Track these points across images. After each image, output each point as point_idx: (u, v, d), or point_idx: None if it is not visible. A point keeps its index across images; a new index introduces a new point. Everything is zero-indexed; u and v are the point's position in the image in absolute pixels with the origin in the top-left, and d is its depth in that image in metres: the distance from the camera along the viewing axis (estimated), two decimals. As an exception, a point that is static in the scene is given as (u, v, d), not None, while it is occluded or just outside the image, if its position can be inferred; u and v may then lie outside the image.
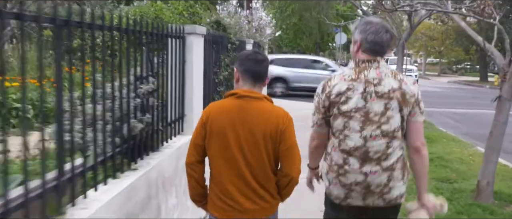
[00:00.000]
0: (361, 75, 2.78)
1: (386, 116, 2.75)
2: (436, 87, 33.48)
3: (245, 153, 2.65)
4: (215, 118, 2.69)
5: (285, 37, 58.83)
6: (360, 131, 2.76)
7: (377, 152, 2.76)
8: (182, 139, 4.42)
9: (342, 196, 2.90)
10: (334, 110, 2.81)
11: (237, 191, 2.68)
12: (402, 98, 2.75)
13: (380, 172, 2.78)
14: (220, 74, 6.53)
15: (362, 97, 2.75)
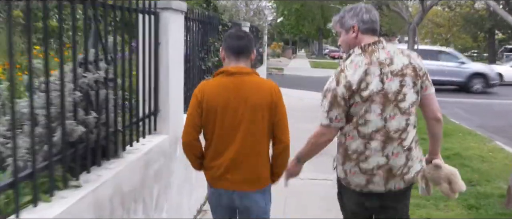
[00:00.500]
0: (373, 57, 2.79)
1: (402, 94, 2.81)
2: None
3: (242, 127, 2.83)
4: (211, 96, 2.85)
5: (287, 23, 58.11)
6: (381, 113, 2.80)
7: (397, 130, 2.83)
8: (155, 139, 3.61)
9: (363, 183, 2.94)
10: (356, 98, 2.78)
11: (233, 164, 2.88)
12: (414, 72, 2.83)
13: (401, 153, 2.87)
14: (209, 60, 5.72)
15: (380, 80, 2.77)
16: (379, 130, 2.82)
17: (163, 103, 3.82)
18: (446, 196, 3.41)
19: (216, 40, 6.16)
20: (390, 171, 2.88)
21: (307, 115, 11.68)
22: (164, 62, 3.76)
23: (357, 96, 2.78)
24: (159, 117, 3.81)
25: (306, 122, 11.04)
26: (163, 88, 3.79)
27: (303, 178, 6.60)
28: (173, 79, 3.89)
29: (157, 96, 3.76)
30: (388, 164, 2.86)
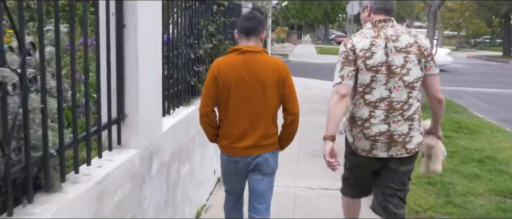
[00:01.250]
0: (381, 32, 3.23)
1: (406, 68, 3.21)
2: (456, 62, 31.46)
3: (253, 100, 3.24)
4: (225, 72, 3.22)
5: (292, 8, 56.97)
6: (386, 83, 3.22)
7: (400, 102, 3.23)
8: (118, 157, 2.69)
9: (367, 148, 3.35)
10: (360, 64, 3.21)
11: (242, 132, 3.30)
12: (418, 51, 3.22)
13: (402, 122, 3.25)
14: (200, 47, 4.77)
15: (384, 52, 3.20)
16: (383, 99, 3.26)
17: (130, 106, 2.88)
18: None
19: (209, 22, 5.21)
20: (392, 137, 3.27)
21: (314, 108, 10.79)
22: (132, 52, 2.81)
23: (361, 62, 3.23)
24: (126, 125, 2.88)
25: (314, 115, 10.18)
26: (130, 85, 2.85)
27: (314, 188, 5.71)
28: (145, 73, 2.95)
29: (121, 97, 2.83)
30: (389, 131, 3.27)
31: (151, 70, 3.07)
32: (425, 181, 5.85)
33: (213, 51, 5.18)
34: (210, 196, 5.38)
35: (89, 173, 2.39)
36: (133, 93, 2.87)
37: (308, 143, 7.79)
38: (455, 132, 8.65)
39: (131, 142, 2.90)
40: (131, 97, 2.87)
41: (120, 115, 2.82)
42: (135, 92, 2.86)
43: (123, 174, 2.65)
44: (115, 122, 2.78)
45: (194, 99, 4.72)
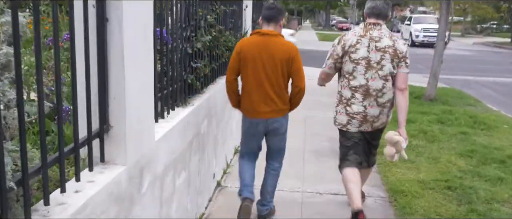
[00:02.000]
0: (368, 33, 4.23)
1: (381, 64, 4.19)
2: (463, 49, 31.17)
3: (267, 73, 4.08)
4: (246, 49, 4.11)
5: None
6: (364, 74, 4.22)
7: (375, 89, 4.23)
8: (101, 177, 2.30)
9: (344, 122, 4.40)
10: (346, 57, 4.27)
11: (260, 99, 4.14)
12: (394, 52, 4.18)
13: (375, 107, 4.27)
14: (198, 40, 4.35)
15: (366, 50, 4.20)
16: (362, 86, 4.24)
17: (116, 115, 2.48)
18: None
19: (209, 11, 4.79)
20: (365, 117, 4.31)
21: (319, 101, 10.37)
22: (117, 50, 2.40)
23: (347, 56, 4.26)
24: (110, 138, 2.48)
25: (320, 108, 9.79)
26: (115, 91, 2.45)
27: (323, 193, 5.34)
28: (134, 75, 2.55)
29: (104, 106, 2.43)
30: (365, 112, 4.29)
31: (140, 71, 2.66)
32: (444, 185, 5.49)
33: (212, 43, 4.78)
34: (209, 204, 5.01)
35: (64, 201, 2.01)
36: (118, 100, 2.46)
37: (314, 141, 7.42)
38: (471, 128, 8.27)
39: (117, 158, 2.50)
40: (116, 105, 2.47)
41: (103, 127, 2.41)
42: (121, 98, 2.46)
43: (107, 198, 2.26)
44: (96, 135, 2.38)
45: (192, 99, 4.32)
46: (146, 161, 2.83)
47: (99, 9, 2.30)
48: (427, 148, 7.00)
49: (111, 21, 2.36)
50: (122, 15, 2.36)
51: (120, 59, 2.40)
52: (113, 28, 2.37)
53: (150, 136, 2.93)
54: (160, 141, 3.15)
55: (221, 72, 5.70)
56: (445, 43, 10.65)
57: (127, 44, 2.43)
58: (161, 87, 3.47)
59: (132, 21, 2.47)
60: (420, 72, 17.52)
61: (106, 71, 2.40)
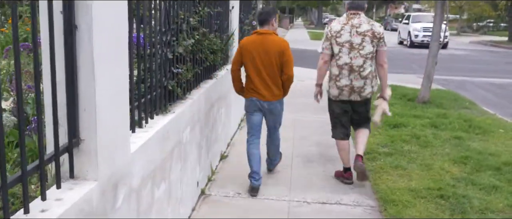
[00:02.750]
0: (350, 21, 5.45)
1: (362, 45, 5.40)
2: (459, 48, 31.19)
3: (264, 64, 5.26)
4: (247, 46, 5.32)
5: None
6: (348, 54, 5.43)
7: (357, 66, 5.43)
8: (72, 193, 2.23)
9: (336, 94, 5.63)
10: (333, 41, 5.49)
11: (259, 85, 5.32)
12: (372, 35, 5.41)
13: (359, 79, 5.47)
14: (180, 44, 4.28)
15: (349, 35, 5.41)
16: (347, 64, 5.46)
17: (87, 128, 2.41)
18: None
19: (191, 14, 4.72)
20: (352, 88, 5.53)
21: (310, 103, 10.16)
22: (87, 59, 2.33)
23: (333, 39, 5.49)
24: (81, 152, 2.41)
25: (310, 111, 9.71)
26: (85, 102, 2.38)
27: (311, 202, 5.28)
28: (106, 84, 2.47)
29: (74, 118, 2.35)
30: (351, 84, 5.50)
31: (113, 80, 2.59)
32: (437, 194, 5.44)
33: (195, 47, 4.71)
34: (192, 213, 4.94)
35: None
36: (89, 112, 2.39)
37: (303, 146, 7.37)
38: (466, 132, 8.19)
39: (88, 173, 2.43)
40: (87, 117, 2.39)
41: (72, 141, 2.34)
42: (92, 109, 2.39)
43: (76, 217, 2.19)
44: (65, 150, 2.30)
45: (173, 106, 4.25)
46: (120, 175, 2.76)
47: (66, 16, 2.23)
48: (420, 154, 6.94)
49: (80, 28, 2.29)
50: (92, 22, 2.29)
51: (90, 68, 2.33)
52: (82, 35, 2.30)
53: (125, 148, 2.85)
54: (137, 152, 3.07)
55: (205, 76, 5.64)
56: (440, 44, 10.61)
57: (98, 52, 2.35)
58: (139, 95, 3.40)
59: (103, 27, 2.40)
60: (414, 73, 17.54)
61: (75, 82, 2.33)
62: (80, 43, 2.31)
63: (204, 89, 5.30)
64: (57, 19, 2.21)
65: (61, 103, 2.28)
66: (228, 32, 7.04)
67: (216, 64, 6.07)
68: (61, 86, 2.27)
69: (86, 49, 2.32)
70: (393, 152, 6.98)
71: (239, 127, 8.46)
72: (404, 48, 30.43)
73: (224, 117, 6.73)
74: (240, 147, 7.19)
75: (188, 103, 4.55)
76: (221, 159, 6.57)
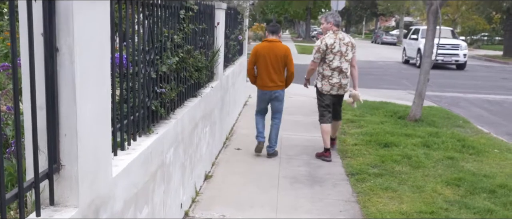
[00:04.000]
0: (337, 36, 7.57)
1: (346, 53, 7.58)
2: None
3: (272, 64, 7.50)
4: (259, 51, 7.54)
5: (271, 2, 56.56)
6: (339, 60, 7.53)
7: (345, 68, 7.61)
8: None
9: (328, 89, 7.66)
10: (328, 51, 7.51)
11: (267, 79, 7.58)
12: (351, 45, 7.66)
13: (346, 78, 7.64)
14: (164, 63, 4.32)
15: (339, 46, 7.51)
16: (338, 67, 7.55)
17: (67, 153, 2.43)
18: None
19: (176, 31, 4.76)
20: (341, 85, 7.65)
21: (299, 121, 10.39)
22: (68, 83, 2.36)
23: (329, 50, 7.51)
24: (61, 178, 2.43)
25: (298, 129, 9.80)
26: (66, 127, 2.40)
27: None
28: (87, 108, 2.50)
29: (54, 143, 2.37)
30: (340, 82, 7.63)
31: (95, 103, 2.61)
32: (429, 218, 5.48)
33: (179, 65, 4.75)
34: (176, 237, 4.95)
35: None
36: (70, 137, 2.41)
37: (290, 166, 7.42)
38: (459, 152, 8.23)
39: (69, 199, 2.45)
40: (68, 142, 2.42)
41: (52, 167, 2.36)
42: (73, 134, 2.41)
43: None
44: (45, 177, 2.32)
45: (157, 126, 4.27)
46: (102, 200, 2.78)
47: (48, 38, 2.26)
48: (411, 175, 6.97)
49: (61, 51, 2.32)
50: (73, 44, 2.32)
51: (71, 92, 2.36)
52: (63, 58, 2.33)
53: (107, 172, 2.88)
54: (119, 176, 3.09)
55: (190, 94, 5.66)
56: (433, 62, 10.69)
57: (80, 75, 2.38)
58: (121, 116, 3.42)
59: (85, 49, 2.43)
60: (405, 88, 17.68)
61: (56, 106, 2.35)
62: (61, 66, 2.34)
63: (189, 108, 5.32)
64: (38, 41, 2.25)
65: (41, 127, 2.30)
66: (213, 49, 7.08)
67: (201, 82, 6.08)
68: (42, 110, 2.30)
69: (68, 72, 2.35)
70: (383, 173, 7.02)
71: (224, 145, 8.49)
72: (395, 63, 30.47)
73: (208, 136, 6.75)
74: (225, 166, 7.23)
75: (172, 123, 4.57)
76: (205, 179, 6.59)
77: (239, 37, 10.29)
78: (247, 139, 8.88)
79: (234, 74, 10.05)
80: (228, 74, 8.86)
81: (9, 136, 3.25)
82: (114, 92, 3.16)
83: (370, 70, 25.15)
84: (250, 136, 9.04)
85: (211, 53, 6.83)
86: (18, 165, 2.12)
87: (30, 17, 2.14)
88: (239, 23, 10.49)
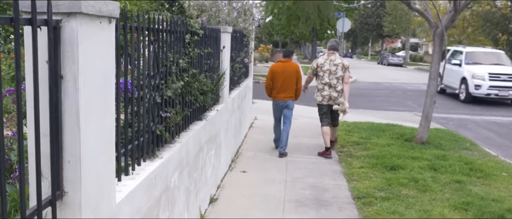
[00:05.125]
0: (329, 57, 9.57)
1: (336, 71, 9.45)
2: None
3: (285, 80, 9.65)
4: (275, 69, 9.80)
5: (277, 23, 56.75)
6: (328, 77, 9.47)
7: (334, 84, 9.46)
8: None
9: (321, 100, 9.61)
10: (319, 69, 9.61)
11: (281, 92, 9.71)
12: (342, 66, 9.47)
13: (334, 91, 9.47)
14: (169, 87, 4.32)
15: (329, 66, 9.48)
16: (327, 82, 9.47)
17: (71, 180, 2.42)
18: None
19: (181, 55, 4.78)
20: (330, 96, 9.46)
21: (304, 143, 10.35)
22: (72, 110, 2.36)
23: (319, 69, 9.58)
24: (64, 205, 2.42)
25: (303, 152, 9.81)
26: (70, 154, 2.40)
27: None
28: (91, 135, 2.50)
29: (58, 170, 2.37)
30: (330, 94, 9.46)
31: (99, 130, 2.61)
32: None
33: (184, 89, 4.75)
34: (180, 262, 4.92)
35: None
36: (74, 163, 2.41)
37: (296, 189, 7.37)
38: (467, 176, 8.16)
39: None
40: (71, 169, 2.41)
41: (56, 194, 2.36)
42: (76, 161, 2.41)
43: None
44: (48, 204, 2.32)
45: (161, 151, 4.26)
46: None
47: (52, 65, 2.27)
48: (418, 199, 6.92)
49: (65, 78, 2.33)
50: (78, 71, 2.33)
51: (75, 119, 2.36)
52: (67, 85, 2.34)
53: (110, 199, 2.87)
54: (123, 202, 3.08)
55: (195, 117, 5.66)
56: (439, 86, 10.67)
57: (84, 102, 2.39)
58: (125, 141, 3.42)
59: (89, 77, 2.44)
60: (411, 110, 17.65)
61: (59, 132, 2.35)
62: (66, 93, 2.35)
63: (194, 131, 5.31)
64: (43, 68, 2.25)
65: (45, 154, 2.30)
66: (219, 72, 7.09)
67: (207, 105, 6.08)
68: (45, 136, 2.30)
69: (72, 99, 2.35)
70: (390, 197, 6.97)
71: (230, 168, 8.46)
72: (401, 85, 30.42)
73: (214, 159, 6.74)
74: (230, 189, 7.19)
75: (176, 147, 4.56)
76: (210, 203, 6.56)
77: (245, 60, 10.34)
78: (252, 161, 8.87)
79: (240, 97, 10.07)
80: (233, 97, 8.86)
81: (13, 161, 3.26)
82: (118, 116, 3.17)
83: (377, 91, 25.16)
84: (256, 158, 9.02)
85: (217, 77, 6.83)
86: (21, 191, 2.12)
87: (35, 44, 2.15)
88: (245, 46, 10.53)
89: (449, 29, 28.49)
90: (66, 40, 2.31)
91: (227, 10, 9.47)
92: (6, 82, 5.66)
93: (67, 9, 2.27)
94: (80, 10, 2.27)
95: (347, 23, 35.54)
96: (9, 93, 3.60)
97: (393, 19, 66.23)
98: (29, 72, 2.21)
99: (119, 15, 2.79)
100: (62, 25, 2.30)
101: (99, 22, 2.52)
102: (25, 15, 2.21)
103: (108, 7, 2.57)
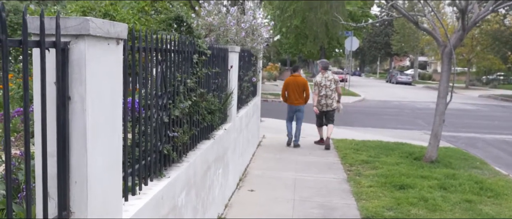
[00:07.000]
0: (324, 75, 12.94)
1: (330, 85, 12.80)
2: (468, 103, 31.33)
3: (296, 90, 12.87)
4: (288, 81, 13.04)
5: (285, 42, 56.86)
6: (325, 90, 12.77)
7: (329, 95, 12.79)
8: None
9: (320, 107, 12.93)
10: (318, 85, 12.88)
11: (293, 98, 12.91)
12: (334, 80, 12.92)
13: (330, 100, 12.80)
14: (176, 107, 4.34)
15: (324, 81, 12.81)
16: (324, 94, 12.73)
17: (77, 200, 2.43)
18: None
19: (189, 75, 4.80)
20: (326, 104, 12.77)
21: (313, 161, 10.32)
22: (79, 131, 2.38)
23: (318, 84, 12.82)
24: (70, 227, 2.43)
25: (312, 170, 9.78)
26: (77, 174, 2.41)
27: None
28: (98, 156, 2.51)
29: (64, 191, 2.38)
30: (326, 103, 12.76)
31: (106, 150, 2.63)
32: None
33: (192, 109, 4.77)
34: None
35: None
36: (80, 184, 2.42)
37: (304, 208, 7.34)
38: (477, 195, 8.08)
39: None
40: (78, 189, 2.42)
41: (62, 214, 2.36)
42: (83, 182, 2.42)
43: None
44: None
45: (169, 170, 4.27)
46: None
47: (60, 87, 2.29)
48: (428, 218, 6.90)
49: (73, 99, 2.35)
50: (85, 93, 2.34)
51: (83, 140, 2.38)
52: (75, 106, 2.36)
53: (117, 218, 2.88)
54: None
55: (203, 137, 5.67)
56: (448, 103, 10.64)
57: (91, 123, 2.40)
58: (133, 161, 3.43)
59: (97, 98, 2.45)
60: (420, 128, 17.60)
61: (66, 153, 2.36)
62: (73, 114, 2.36)
63: (201, 150, 5.32)
64: (51, 89, 2.27)
65: (51, 174, 2.32)
66: (226, 91, 7.11)
67: (214, 124, 6.10)
68: (53, 157, 2.31)
69: (79, 120, 2.37)
70: (399, 216, 6.92)
71: (238, 187, 8.44)
72: (410, 103, 30.42)
73: (221, 178, 6.73)
74: (238, 209, 7.17)
75: (184, 166, 4.57)
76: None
77: (253, 79, 10.35)
78: (260, 180, 8.85)
79: (248, 115, 10.07)
80: (241, 116, 8.87)
81: (21, 181, 3.28)
82: (125, 136, 3.18)
83: (385, 110, 25.15)
84: (263, 177, 8.99)
85: (225, 96, 6.85)
86: (27, 211, 2.13)
87: (43, 66, 2.17)
88: (253, 65, 10.56)
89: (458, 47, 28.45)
90: (74, 61, 2.33)
91: (235, 29, 9.50)
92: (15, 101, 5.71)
93: (76, 31, 2.30)
94: (88, 32, 2.29)
95: (355, 41, 35.64)
96: (18, 114, 3.63)
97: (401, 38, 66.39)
98: (37, 93, 2.23)
99: (127, 36, 2.82)
100: (70, 47, 2.32)
101: (107, 44, 2.54)
102: (34, 36, 2.24)
103: (116, 29, 2.60)
